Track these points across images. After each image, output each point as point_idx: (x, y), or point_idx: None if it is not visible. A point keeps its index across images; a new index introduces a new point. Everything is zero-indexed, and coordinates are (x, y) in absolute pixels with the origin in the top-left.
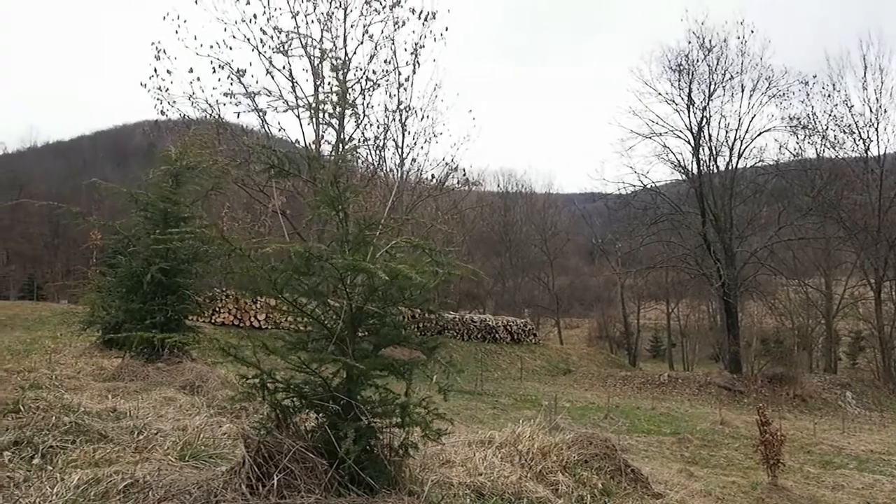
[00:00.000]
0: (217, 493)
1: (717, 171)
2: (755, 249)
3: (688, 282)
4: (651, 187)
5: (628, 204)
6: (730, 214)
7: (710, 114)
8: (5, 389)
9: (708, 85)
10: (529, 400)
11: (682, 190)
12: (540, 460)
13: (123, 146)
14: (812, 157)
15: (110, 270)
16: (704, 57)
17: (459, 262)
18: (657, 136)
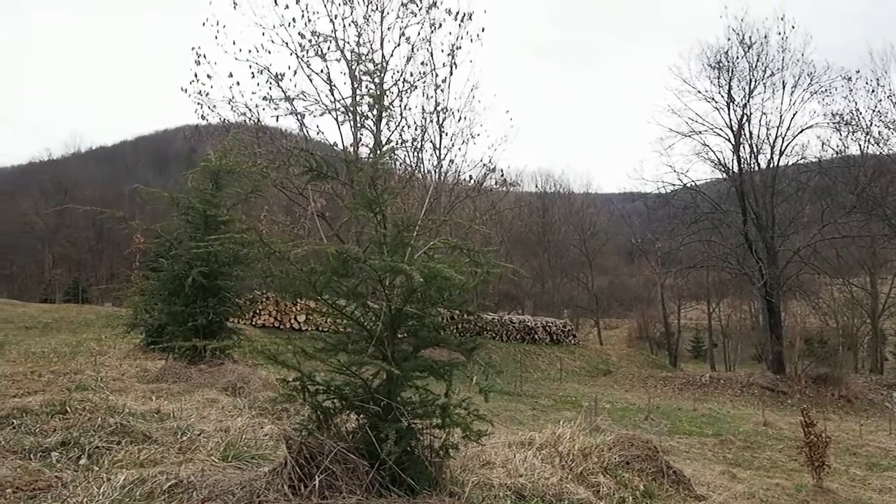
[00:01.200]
0: (260, 494)
1: (758, 168)
2: (798, 248)
3: (729, 281)
4: (691, 186)
5: (668, 203)
6: (771, 213)
7: (751, 111)
8: (52, 391)
9: (748, 82)
10: (569, 401)
11: (722, 188)
12: (581, 462)
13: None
14: (856, 154)
15: (153, 274)
16: (744, 54)
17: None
18: (697, 134)
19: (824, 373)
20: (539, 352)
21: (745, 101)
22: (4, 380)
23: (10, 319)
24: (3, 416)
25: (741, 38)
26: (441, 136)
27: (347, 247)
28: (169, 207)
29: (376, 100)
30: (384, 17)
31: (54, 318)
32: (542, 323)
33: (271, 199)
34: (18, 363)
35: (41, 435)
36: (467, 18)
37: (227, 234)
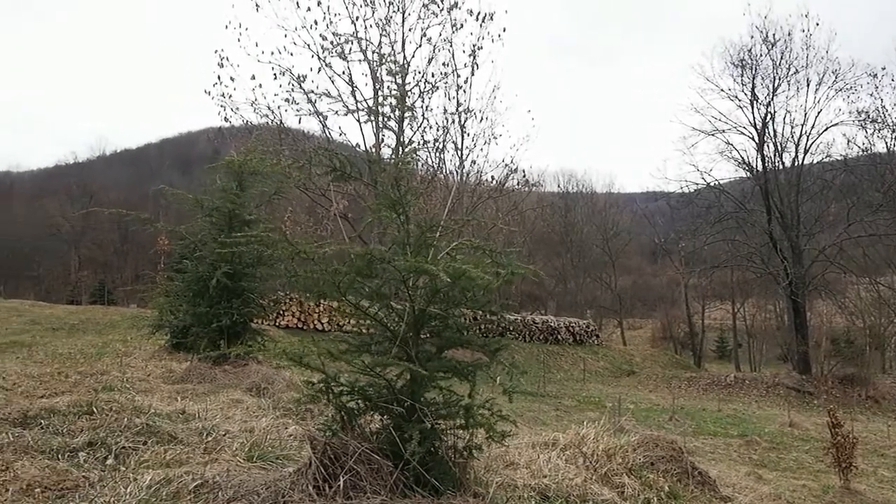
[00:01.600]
0: (285, 494)
1: (782, 167)
2: (823, 247)
3: (753, 281)
4: (714, 185)
5: (691, 202)
6: (796, 211)
7: (775, 109)
8: (79, 392)
9: (772, 80)
10: (593, 401)
11: (746, 187)
12: (605, 462)
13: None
14: (882, 152)
15: (177, 275)
16: (768, 51)
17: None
18: (720, 132)
19: (851, 373)
20: (562, 352)
21: (769, 98)
22: (32, 380)
23: (38, 321)
24: (31, 417)
25: (765, 35)
26: (463, 137)
27: (372, 247)
28: (193, 209)
29: (399, 101)
30: (405, 19)
31: (81, 319)
32: (566, 323)
33: (294, 200)
34: (46, 364)
35: (68, 435)
36: (488, 19)
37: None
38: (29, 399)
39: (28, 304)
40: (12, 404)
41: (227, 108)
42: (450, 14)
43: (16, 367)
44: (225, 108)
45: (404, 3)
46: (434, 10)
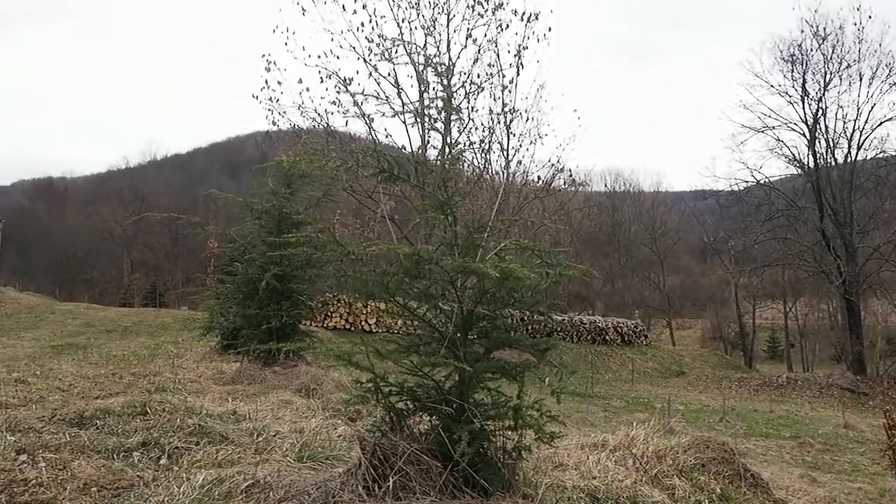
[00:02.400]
0: (335, 494)
1: (834, 163)
2: (878, 244)
3: (806, 280)
4: (765, 183)
5: (741, 200)
6: (849, 209)
7: (827, 104)
8: (133, 393)
9: (823, 75)
10: (641, 402)
11: (797, 184)
12: (655, 464)
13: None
14: None
15: (227, 277)
16: (819, 46)
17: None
18: (770, 129)
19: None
20: (610, 353)
21: (821, 94)
22: (87, 382)
23: (92, 323)
24: (87, 417)
25: (815, 29)
26: (509, 137)
27: (421, 248)
28: (243, 212)
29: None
30: (450, 20)
31: (133, 321)
32: (614, 323)
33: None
34: (100, 365)
35: (123, 435)
36: (534, 19)
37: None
38: (85, 400)
39: (83, 307)
40: (69, 405)
41: (274, 111)
42: (494, 15)
43: (71, 369)
44: (272, 112)
45: (449, 4)
46: (479, 11)
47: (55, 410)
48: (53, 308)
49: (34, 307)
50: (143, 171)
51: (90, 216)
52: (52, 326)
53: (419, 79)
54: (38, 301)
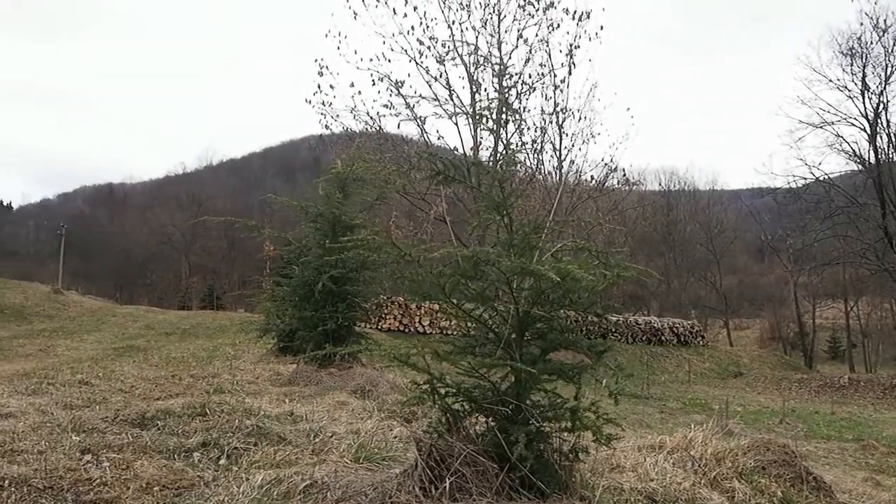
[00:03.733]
0: (391, 495)
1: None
2: None
3: (868, 278)
4: (824, 179)
5: (799, 198)
6: None
7: (888, 98)
8: (192, 394)
9: (884, 68)
10: (698, 404)
11: (858, 181)
12: (714, 466)
13: (291, 161)
14: None
15: (284, 280)
16: (879, 38)
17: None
18: (829, 125)
19: None
20: (666, 353)
21: (882, 88)
22: (148, 383)
23: (152, 326)
24: (148, 418)
25: (875, 21)
26: (561, 137)
27: (479, 249)
28: (297, 216)
29: (502, 103)
30: (501, 20)
31: (192, 324)
32: (669, 324)
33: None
34: (160, 367)
35: (183, 436)
36: (585, 17)
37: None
38: (146, 401)
39: (143, 310)
40: (131, 406)
41: (327, 115)
42: (545, 14)
43: (133, 371)
44: (325, 116)
45: (500, 5)
46: (530, 10)
47: (118, 411)
48: (115, 311)
49: (96, 310)
50: (200, 176)
51: (149, 221)
52: (113, 329)
53: (471, 80)
54: (99, 304)
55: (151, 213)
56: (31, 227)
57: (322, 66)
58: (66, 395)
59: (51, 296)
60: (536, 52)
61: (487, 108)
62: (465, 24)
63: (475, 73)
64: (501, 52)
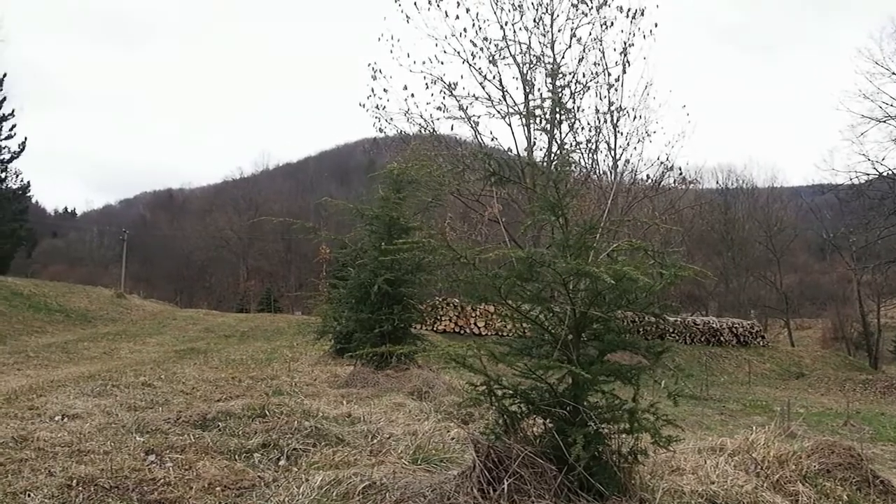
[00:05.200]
0: (450, 496)
1: None
2: None
3: None
4: (888, 174)
5: (862, 194)
6: None
7: None
8: (252, 395)
9: None
10: (759, 405)
11: None
12: (777, 469)
13: (345, 164)
14: None
15: (340, 282)
16: None
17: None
18: (892, 119)
19: None
20: (725, 354)
21: None
22: (209, 385)
23: (212, 329)
24: (209, 419)
25: None
26: (616, 136)
27: (534, 251)
28: (353, 218)
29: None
30: (554, 20)
31: (250, 326)
32: (728, 324)
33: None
34: (220, 369)
35: (243, 437)
36: (639, 15)
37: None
38: (207, 402)
39: (202, 313)
40: (192, 407)
41: (381, 119)
42: (599, 12)
43: (194, 373)
44: (379, 120)
45: (553, 4)
46: (583, 9)
47: (180, 412)
48: (175, 314)
49: (157, 314)
50: (256, 180)
51: (207, 225)
52: (174, 332)
53: (524, 80)
54: (160, 308)
55: (210, 217)
56: (94, 232)
57: (375, 70)
58: (130, 396)
59: (114, 300)
60: (590, 50)
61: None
62: (517, 24)
63: (528, 73)
64: (555, 51)
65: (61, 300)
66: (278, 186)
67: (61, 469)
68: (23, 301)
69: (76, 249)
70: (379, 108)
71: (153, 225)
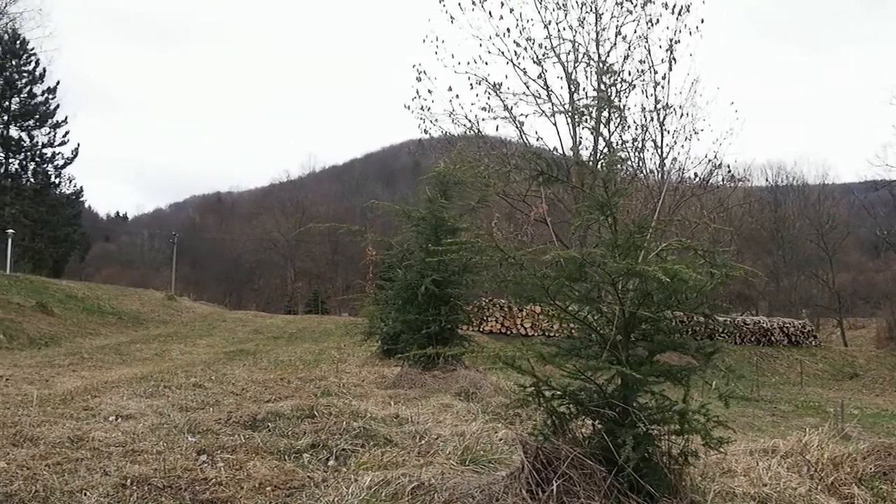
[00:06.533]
0: (498, 498)
1: None
2: None
3: None
4: None
5: None
6: None
7: None
8: (301, 396)
9: None
10: (812, 406)
11: None
12: (831, 471)
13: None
14: None
15: (387, 284)
16: None
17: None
18: None
19: None
20: (776, 354)
21: None
22: (258, 386)
23: (260, 330)
24: (259, 420)
25: None
26: (662, 135)
27: (584, 251)
28: (400, 220)
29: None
30: (599, 18)
31: (298, 328)
32: (779, 324)
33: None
34: (269, 370)
35: (293, 437)
36: (685, 11)
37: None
38: (256, 403)
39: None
40: (242, 408)
41: (426, 120)
42: (644, 10)
43: (243, 374)
44: (424, 121)
45: (597, 2)
46: (628, 7)
47: (230, 413)
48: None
49: (207, 315)
50: (303, 182)
51: (255, 228)
52: (223, 333)
53: (569, 79)
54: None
55: (257, 220)
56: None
57: (420, 72)
58: (182, 397)
59: (165, 302)
60: (635, 48)
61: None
62: (561, 23)
63: (573, 71)
64: (599, 49)
65: (114, 303)
66: (324, 189)
67: (116, 468)
68: (77, 304)
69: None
70: (424, 109)
71: (202, 228)
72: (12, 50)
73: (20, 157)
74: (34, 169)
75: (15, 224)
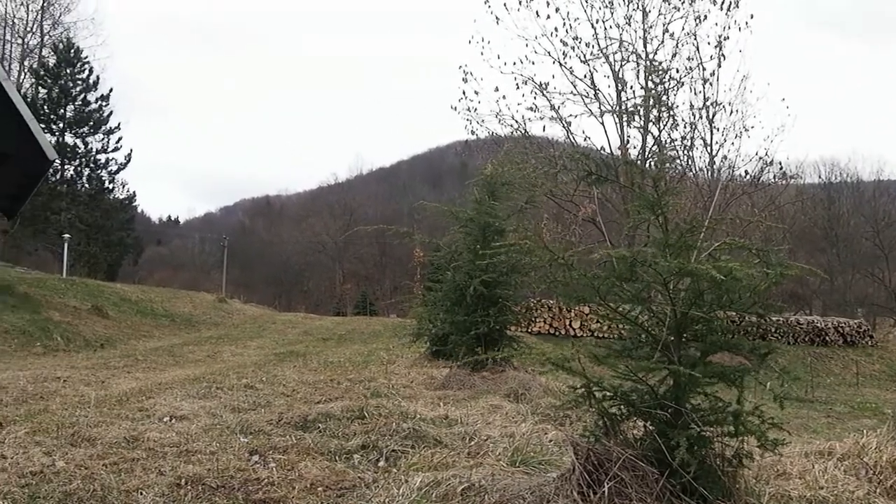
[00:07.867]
0: (549, 499)
1: None
2: None
3: None
4: None
5: None
6: None
7: None
8: (350, 397)
9: None
10: (868, 408)
11: None
12: (890, 474)
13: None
14: None
15: (435, 285)
16: None
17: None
18: None
19: None
20: (831, 355)
21: None
22: (308, 387)
23: (310, 332)
24: (310, 421)
25: None
26: (712, 132)
27: (636, 250)
28: (448, 221)
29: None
30: (646, 16)
31: (347, 329)
32: (834, 324)
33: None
34: (319, 372)
35: (343, 438)
36: (734, 6)
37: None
38: (307, 404)
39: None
40: (293, 409)
41: (472, 121)
42: (692, 6)
43: (294, 375)
44: (470, 122)
45: (644, 0)
46: (675, 3)
47: (281, 414)
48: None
49: (257, 317)
50: (351, 185)
51: (304, 230)
52: (274, 335)
53: (616, 78)
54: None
55: (306, 222)
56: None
57: (466, 73)
58: (234, 398)
59: (216, 304)
60: (683, 45)
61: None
62: (608, 21)
63: (620, 70)
64: (647, 47)
65: (167, 305)
66: (372, 191)
67: (170, 468)
68: (131, 307)
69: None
70: (470, 110)
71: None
72: (67, 59)
73: (75, 163)
74: (89, 175)
75: (71, 229)
